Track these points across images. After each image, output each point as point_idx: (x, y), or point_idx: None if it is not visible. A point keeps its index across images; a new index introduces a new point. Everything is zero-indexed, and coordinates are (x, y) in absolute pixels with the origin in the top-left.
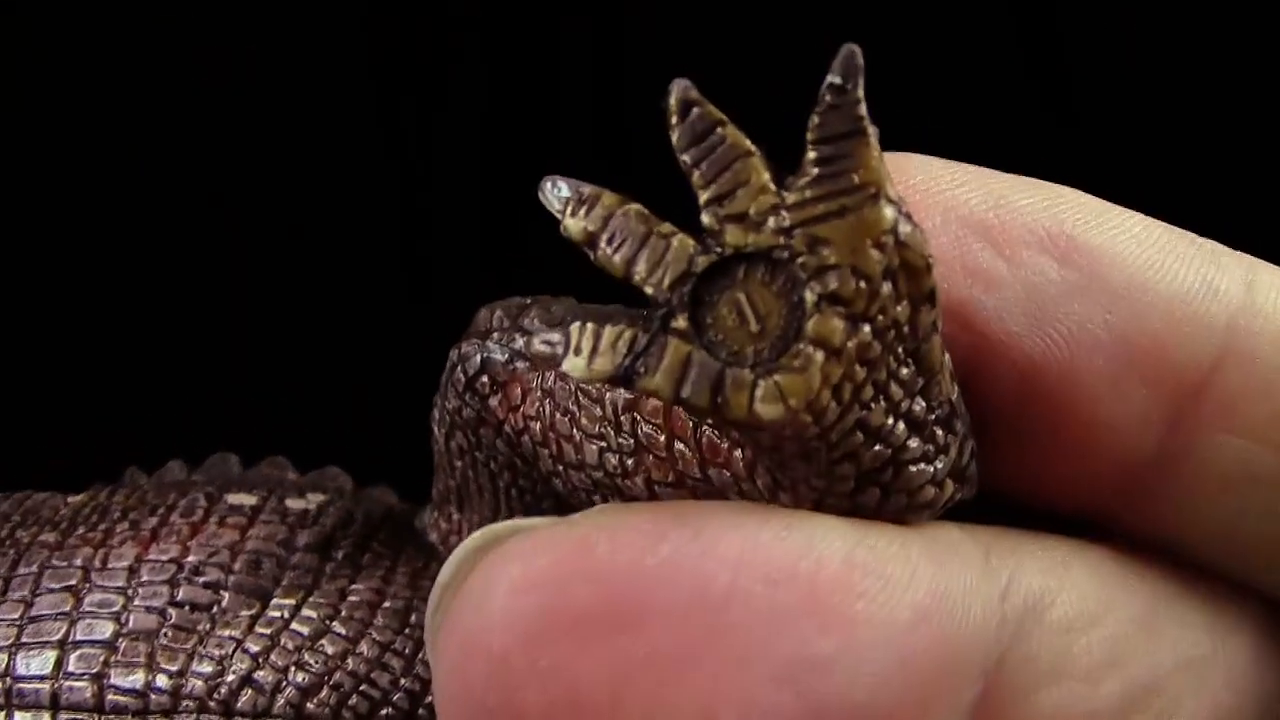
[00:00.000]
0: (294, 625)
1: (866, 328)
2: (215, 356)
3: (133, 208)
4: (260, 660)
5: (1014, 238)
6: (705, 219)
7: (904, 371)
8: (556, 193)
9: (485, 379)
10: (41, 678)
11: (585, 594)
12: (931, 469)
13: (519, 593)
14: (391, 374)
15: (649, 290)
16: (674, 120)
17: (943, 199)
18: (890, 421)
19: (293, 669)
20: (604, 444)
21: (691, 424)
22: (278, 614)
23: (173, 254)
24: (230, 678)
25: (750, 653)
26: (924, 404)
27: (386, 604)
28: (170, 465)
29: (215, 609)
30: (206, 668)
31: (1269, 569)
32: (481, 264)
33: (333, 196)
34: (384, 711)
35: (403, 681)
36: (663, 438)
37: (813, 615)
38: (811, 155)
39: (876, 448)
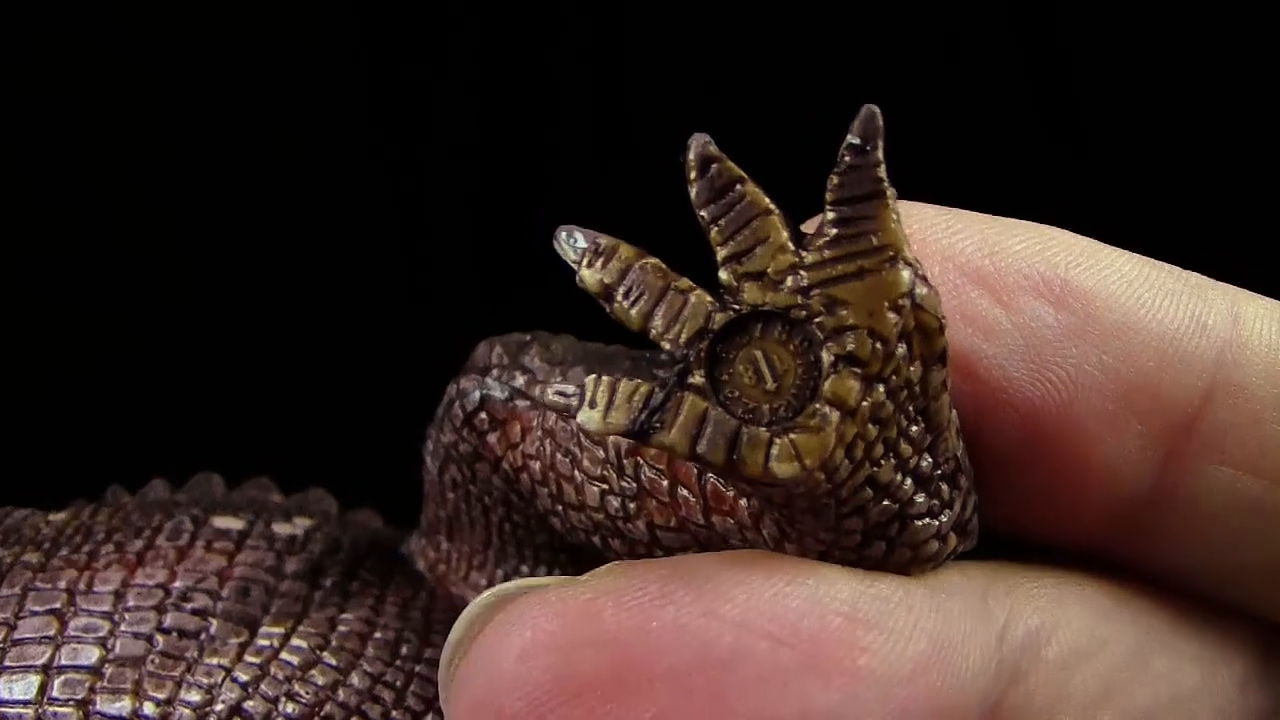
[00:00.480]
0: (283, 655)
1: (881, 388)
2: (196, 373)
3: (115, 222)
4: (250, 690)
5: (1010, 284)
6: (723, 276)
7: (914, 429)
8: (572, 243)
9: (484, 415)
10: (25, 703)
11: (592, 659)
12: (936, 523)
13: (528, 658)
14: (377, 393)
15: (665, 345)
16: (693, 175)
17: (939, 248)
18: (899, 478)
19: (283, 699)
20: (606, 486)
21: (696, 471)
22: (267, 643)
23: (157, 272)
24: (219, 707)
25: (755, 712)
26: (931, 460)
27: (377, 634)
28: (153, 484)
29: (203, 636)
30: (195, 696)
31: (1260, 594)
32: (473, 277)
33: (322, 212)
34: None
35: (394, 714)
36: (666, 483)
37: (816, 671)
38: (830, 216)
39: (885, 503)
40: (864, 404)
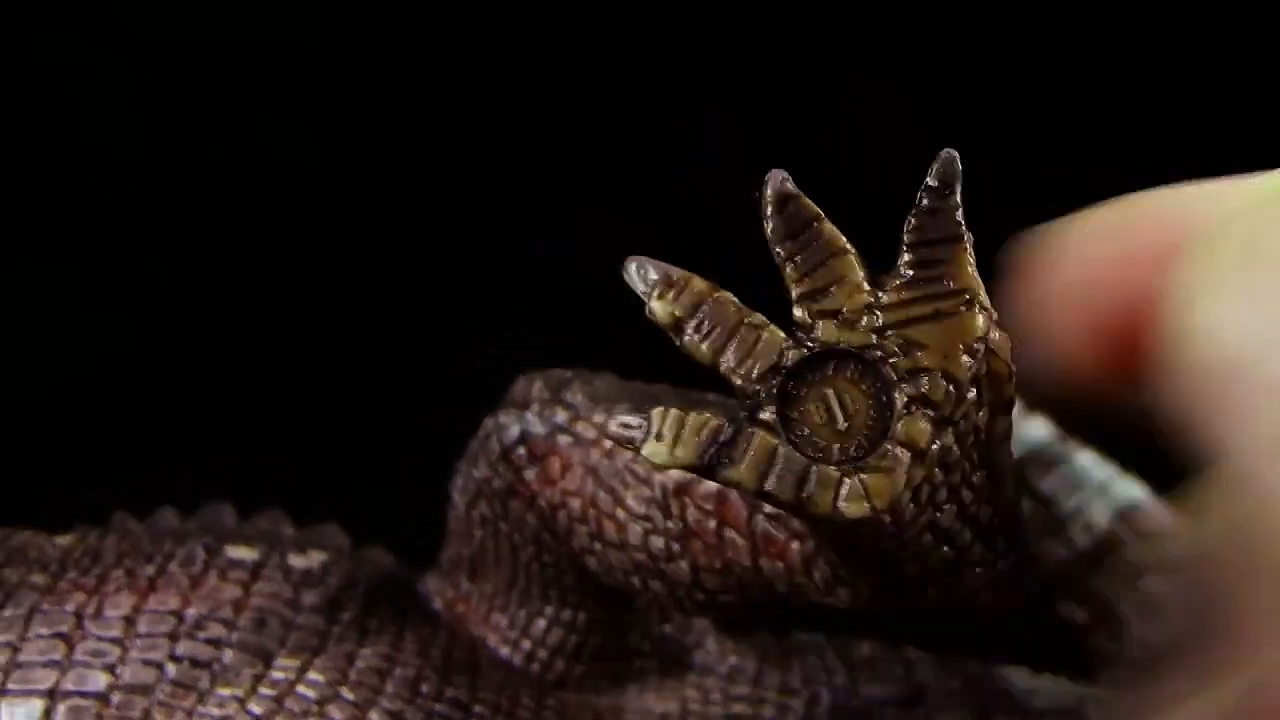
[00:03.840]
0: (300, 688)
1: (950, 432)
2: (203, 402)
3: (115, 238)
4: None
5: None
6: (797, 313)
7: (976, 477)
8: (643, 274)
9: (523, 451)
10: None
11: None
12: (990, 574)
13: None
14: (375, 399)
15: (736, 381)
16: (769, 211)
17: None
18: (959, 526)
19: None
20: (650, 525)
21: (746, 513)
22: (282, 675)
23: (160, 282)
24: None
25: None
26: (990, 510)
27: (397, 671)
28: (162, 512)
29: (216, 666)
30: None
31: None
32: (473, 277)
33: (322, 212)
34: None
35: None
36: (714, 524)
37: None
38: (907, 257)
39: (944, 550)
40: (934, 447)
